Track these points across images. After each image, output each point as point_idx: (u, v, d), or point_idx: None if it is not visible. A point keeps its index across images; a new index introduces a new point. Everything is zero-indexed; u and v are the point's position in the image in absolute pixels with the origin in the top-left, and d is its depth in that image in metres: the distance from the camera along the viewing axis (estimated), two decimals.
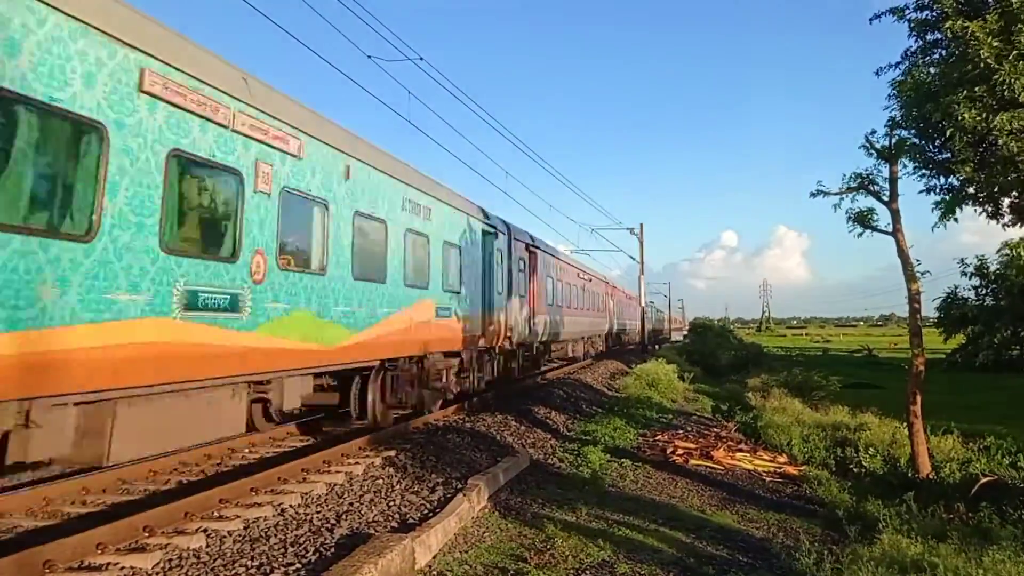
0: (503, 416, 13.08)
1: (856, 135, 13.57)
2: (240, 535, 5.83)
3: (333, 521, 6.44)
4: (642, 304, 44.04)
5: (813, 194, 11.11)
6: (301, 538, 5.91)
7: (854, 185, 10.86)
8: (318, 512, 6.65)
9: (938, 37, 8.49)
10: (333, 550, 5.67)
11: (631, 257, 43.36)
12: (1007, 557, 5.69)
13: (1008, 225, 9.23)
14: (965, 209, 9.14)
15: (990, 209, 9.06)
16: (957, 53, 7.75)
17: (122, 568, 5.01)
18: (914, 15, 8.63)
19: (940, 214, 9.00)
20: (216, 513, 6.36)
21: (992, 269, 32.42)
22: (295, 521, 6.33)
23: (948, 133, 7.63)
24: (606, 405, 17.85)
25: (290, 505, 6.70)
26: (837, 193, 10.95)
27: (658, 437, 13.64)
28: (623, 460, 11.11)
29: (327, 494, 7.25)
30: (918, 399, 10.42)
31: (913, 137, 9.42)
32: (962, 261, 32.81)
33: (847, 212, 10.93)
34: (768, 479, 11.18)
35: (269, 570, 5.21)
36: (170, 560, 5.23)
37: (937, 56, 8.74)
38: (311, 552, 5.62)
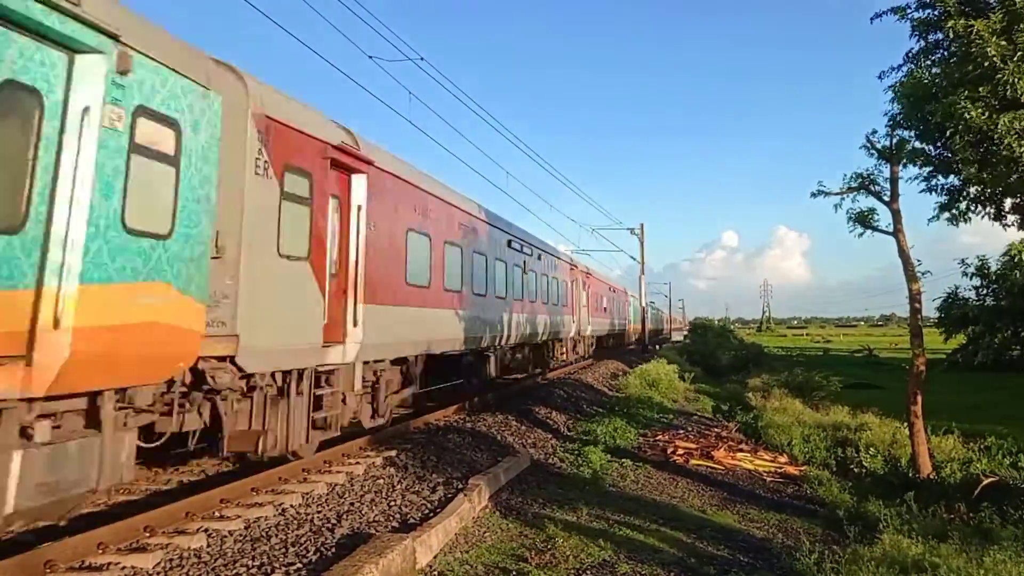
0: (504, 416, 13.08)
1: (858, 134, 13.56)
2: (241, 535, 5.83)
3: (334, 521, 6.44)
4: (643, 304, 44.04)
5: (814, 194, 11.13)
6: (302, 538, 5.91)
7: (855, 185, 10.87)
8: (319, 512, 6.65)
9: (940, 37, 8.47)
10: (334, 550, 5.67)
11: (632, 257, 43.37)
12: (1008, 557, 5.69)
13: (1010, 226, 9.23)
14: (965, 215, 9.12)
15: (992, 211, 9.06)
16: (959, 53, 7.74)
17: (123, 568, 5.01)
18: (916, 15, 8.62)
19: (949, 217, 9.01)
20: (217, 513, 6.35)
21: (993, 269, 32.41)
22: (296, 521, 6.32)
23: (949, 134, 7.61)
24: (607, 405, 17.84)
25: (291, 505, 6.70)
26: (838, 193, 10.96)
27: (659, 437, 13.63)
28: (624, 460, 11.11)
29: (328, 494, 7.25)
30: (919, 399, 10.43)
31: (914, 139, 9.41)
32: (963, 261, 32.82)
33: (848, 212, 10.96)
34: (769, 479, 11.18)
35: (270, 570, 5.21)
36: (171, 560, 5.23)
37: (938, 56, 8.73)
38: (312, 552, 5.62)
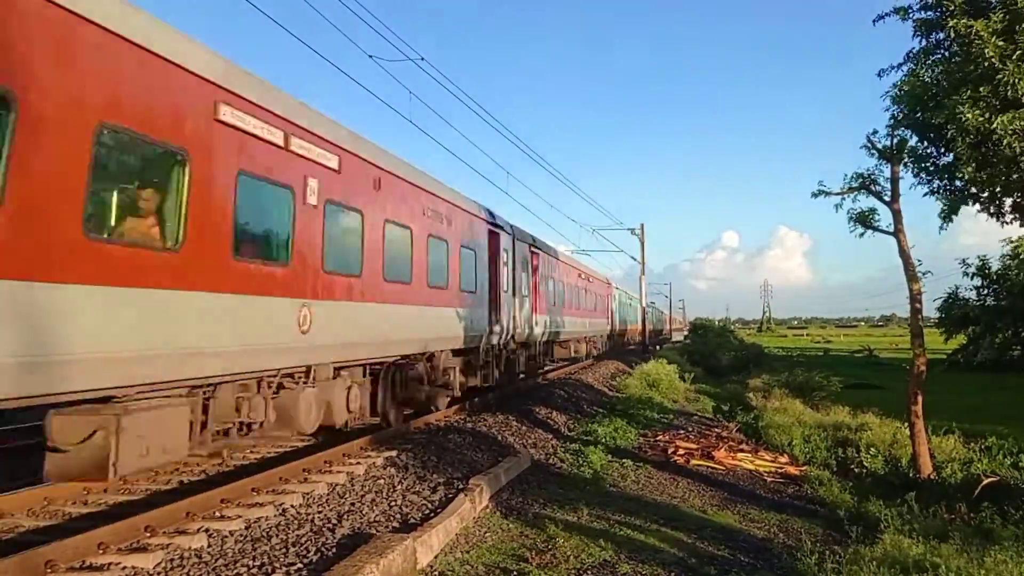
0: (504, 416, 13.07)
1: (859, 133, 13.56)
2: (242, 535, 5.82)
3: (335, 521, 6.44)
4: (643, 304, 44.05)
5: (815, 194, 11.12)
6: (302, 538, 5.91)
7: (855, 185, 10.87)
8: (319, 512, 6.64)
9: (942, 37, 8.47)
10: (334, 550, 5.66)
11: (632, 258, 43.36)
12: (1009, 558, 5.69)
13: (1010, 224, 9.24)
14: (966, 211, 9.16)
15: (992, 209, 9.06)
16: (961, 53, 7.73)
17: (123, 568, 5.00)
18: (919, 15, 8.62)
19: (944, 216, 9.02)
20: (217, 513, 6.34)
21: (994, 269, 32.37)
22: (296, 521, 6.32)
23: (950, 135, 7.60)
24: (607, 405, 17.84)
25: (291, 505, 6.69)
26: (839, 193, 10.95)
27: (659, 437, 13.63)
28: (624, 460, 11.11)
29: (328, 494, 7.25)
30: (919, 399, 10.43)
31: (915, 141, 9.41)
32: (963, 262, 32.77)
33: (849, 212, 10.95)
34: (769, 479, 11.18)
35: (271, 570, 5.21)
36: (171, 560, 5.22)
37: (939, 56, 8.73)
38: (312, 552, 5.62)
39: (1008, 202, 8.94)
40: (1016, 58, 7.02)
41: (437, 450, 9.73)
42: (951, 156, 8.60)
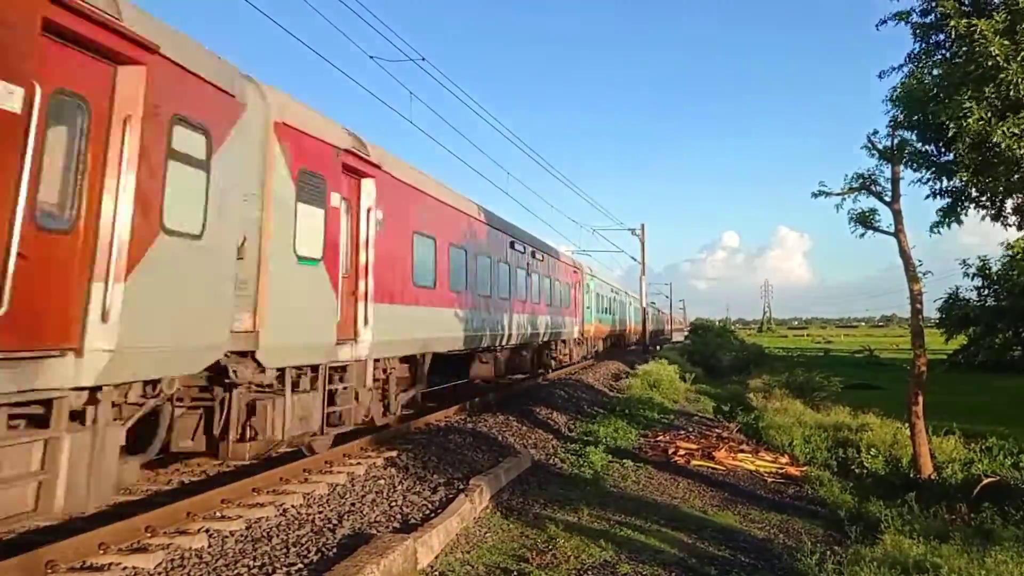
0: (505, 416, 13.08)
1: (859, 133, 13.54)
2: (242, 535, 5.83)
3: (335, 521, 6.44)
4: (643, 305, 44.05)
5: (815, 194, 11.11)
6: (303, 538, 5.91)
7: (856, 186, 10.86)
8: (320, 512, 6.65)
9: (942, 38, 8.46)
10: (335, 550, 5.67)
11: (632, 258, 43.37)
12: (1010, 558, 5.70)
13: (1011, 226, 9.22)
14: (967, 212, 9.11)
15: (992, 211, 9.05)
16: (962, 53, 7.73)
17: (124, 568, 5.00)
18: (918, 19, 8.61)
19: (941, 216, 9.00)
20: (218, 513, 6.36)
21: (994, 270, 32.37)
22: (297, 521, 6.33)
23: (952, 135, 7.57)
24: (608, 406, 17.82)
25: (292, 505, 6.70)
26: (839, 194, 10.94)
27: (660, 438, 13.62)
28: (625, 461, 11.11)
29: (329, 494, 7.25)
30: (920, 400, 10.42)
31: (914, 141, 9.39)
32: (964, 262, 32.77)
33: (849, 213, 10.94)
34: (770, 480, 11.17)
35: (271, 570, 5.21)
36: (172, 560, 5.23)
37: (939, 57, 8.72)
38: (313, 552, 5.62)
39: (1009, 204, 8.93)
40: (1020, 59, 7.00)
41: (438, 450, 9.73)
42: (951, 155, 8.59)
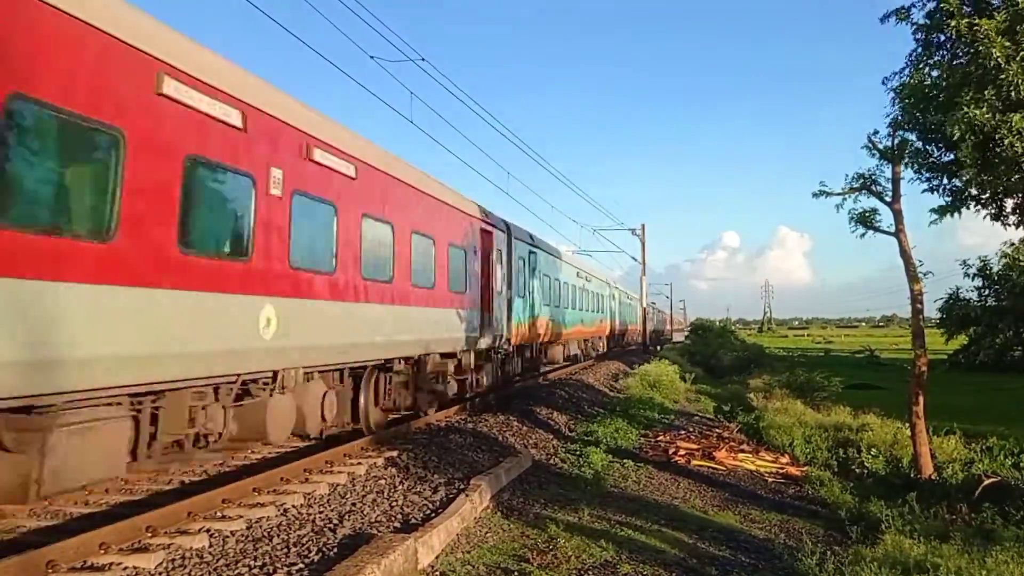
0: (505, 416, 13.08)
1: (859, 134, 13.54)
2: (243, 535, 5.83)
3: (336, 521, 6.44)
4: (644, 305, 44.07)
5: (815, 194, 11.10)
6: (304, 538, 5.91)
7: (856, 186, 10.85)
8: (321, 512, 6.65)
9: (942, 39, 8.44)
10: (336, 550, 5.67)
11: (633, 258, 43.38)
12: (1010, 558, 5.69)
13: (1012, 226, 9.20)
14: (967, 211, 9.09)
15: (993, 211, 9.04)
16: (962, 53, 7.71)
17: (125, 568, 5.01)
18: (919, 17, 8.59)
19: (940, 213, 8.98)
20: (219, 513, 6.36)
21: (995, 270, 32.35)
22: (298, 521, 6.33)
23: (956, 137, 7.53)
24: (608, 406, 17.82)
25: (293, 505, 6.70)
26: (840, 194, 10.94)
27: (660, 438, 13.62)
28: (625, 461, 11.10)
29: (330, 494, 7.26)
30: (920, 400, 10.41)
31: (915, 141, 9.37)
32: (964, 263, 32.74)
33: (849, 213, 10.93)
34: (770, 480, 11.17)
35: (272, 570, 5.21)
36: (173, 560, 5.23)
37: (939, 58, 8.70)
38: (314, 552, 5.62)
39: (1009, 204, 8.92)
40: (1020, 59, 6.99)
41: (438, 450, 9.73)
42: (952, 155, 8.57)
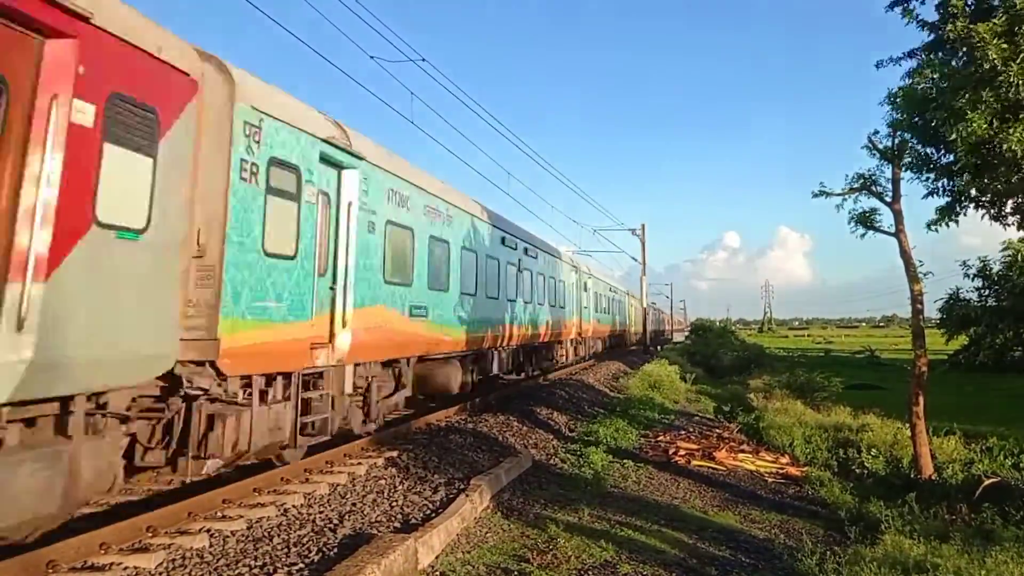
0: (505, 417, 13.08)
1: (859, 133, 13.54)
2: (243, 535, 5.84)
3: (336, 521, 6.45)
4: (644, 305, 44.05)
5: (815, 194, 11.10)
6: (304, 538, 5.92)
7: (857, 186, 10.86)
8: (321, 512, 6.66)
9: (943, 38, 8.46)
10: (336, 550, 5.68)
11: (633, 258, 43.38)
12: (1010, 558, 5.70)
13: (1010, 226, 9.22)
14: (967, 212, 9.10)
15: (993, 212, 9.05)
16: (961, 55, 7.72)
17: (125, 568, 5.02)
18: (919, 13, 8.62)
19: (940, 215, 8.99)
20: (219, 513, 6.37)
21: (995, 270, 32.29)
22: (298, 521, 6.33)
23: (953, 140, 7.54)
24: (608, 406, 17.82)
25: (293, 505, 6.71)
26: (840, 194, 10.94)
27: (660, 438, 13.63)
28: (625, 461, 11.11)
29: (330, 494, 7.26)
30: (920, 400, 10.41)
31: (914, 142, 9.38)
32: (964, 263, 32.66)
33: (850, 213, 10.93)
34: (770, 480, 11.17)
35: (272, 570, 5.22)
36: (173, 560, 5.24)
37: (938, 59, 8.71)
38: (314, 552, 5.63)
39: (1009, 204, 8.92)
40: (1019, 61, 6.99)
41: (438, 450, 9.74)
42: (951, 157, 8.57)
